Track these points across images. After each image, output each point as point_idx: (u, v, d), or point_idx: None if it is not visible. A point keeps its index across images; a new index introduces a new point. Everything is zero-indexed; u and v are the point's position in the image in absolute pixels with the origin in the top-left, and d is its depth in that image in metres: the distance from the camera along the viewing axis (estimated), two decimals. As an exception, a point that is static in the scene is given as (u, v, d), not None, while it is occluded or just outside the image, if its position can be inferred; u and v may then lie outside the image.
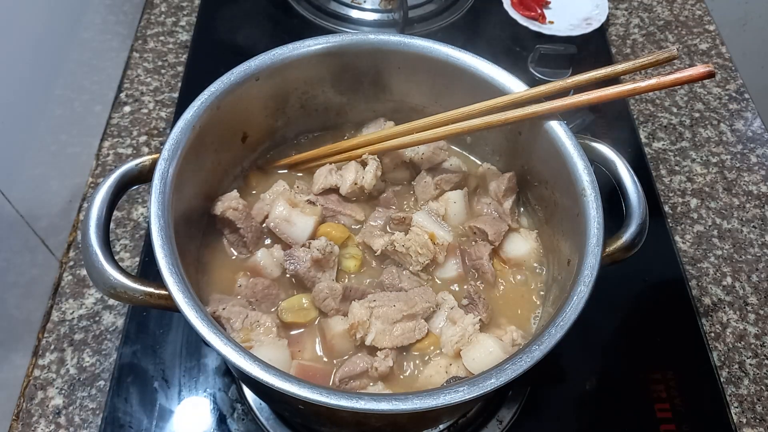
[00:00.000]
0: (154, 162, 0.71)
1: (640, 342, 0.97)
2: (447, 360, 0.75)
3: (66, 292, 0.97)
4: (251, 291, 0.78)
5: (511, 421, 0.88)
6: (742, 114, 1.29)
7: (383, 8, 1.36)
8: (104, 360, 0.91)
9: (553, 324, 0.63)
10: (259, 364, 0.58)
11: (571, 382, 0.93)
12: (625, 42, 1.42)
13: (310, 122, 0.94)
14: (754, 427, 0.91)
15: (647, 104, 1.30)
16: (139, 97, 1.23)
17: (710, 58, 1.39)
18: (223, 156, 0.85)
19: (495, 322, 0.80)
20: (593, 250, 0.68)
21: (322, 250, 0.78)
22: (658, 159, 1.21)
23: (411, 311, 0.76)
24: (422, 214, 0.86)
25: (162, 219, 0.66)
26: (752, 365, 0.96)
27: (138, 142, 1.16)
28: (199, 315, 0.61)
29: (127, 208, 1.06)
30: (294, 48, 0.83)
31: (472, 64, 0.84)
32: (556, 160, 0.77)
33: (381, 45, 0.86)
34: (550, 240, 0.84)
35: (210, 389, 0.89)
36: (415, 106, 0.93)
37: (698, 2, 1.52)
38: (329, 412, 0.59)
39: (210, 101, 0.77)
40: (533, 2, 1.36)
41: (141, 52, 1.31)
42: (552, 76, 1.21)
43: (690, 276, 1.05)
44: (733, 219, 1.13)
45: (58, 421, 0.86)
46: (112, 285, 0.65)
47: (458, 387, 0.59)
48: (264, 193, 0.87)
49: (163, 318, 0.94)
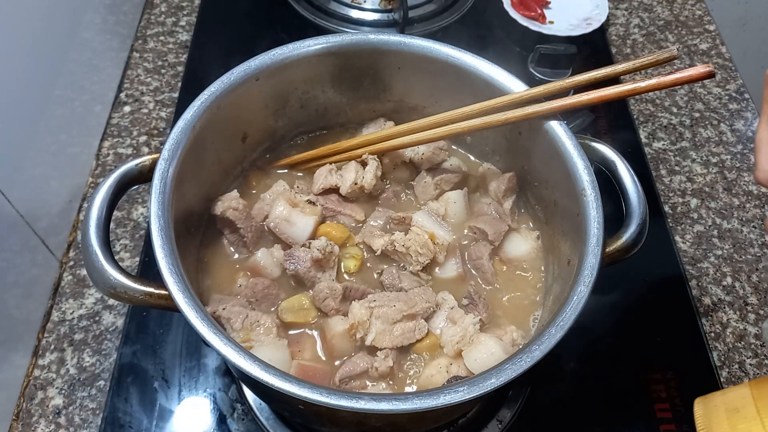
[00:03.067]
0: (154, 162, 0.71)
1: (640, 342, 0.97)
2: (447, 360, 0.75)
3: (66, 292, 0.97)
4: (251, 291, 0.78)
5: (511, 421, 0.88)
6: (742, 114, 1.29)
7: (383, 8, 1.36)
8: (104, 360, 0.91)
9: (553, 324, 0.63)
10: (259, 364, 0.58)
11: (571, 382, 0.93)
12: (625, 42, 1.42)
13: (310, 122, 0.94)
14: (754, 427, 0.91)
15: (647, 104, 1.30)
16: (139, 97, 1.23)
17: (710, 58, 1.39)
18: (223, 156, 0.85)
19: (495, 322, 0.80)
20: (593, 250, 0.68)
21: (322, 250, 0.78)
22: (658, 159, 1.21)
23: (411, 311, 0.76)
24: (422, 214, 0.86)
25: (162, 219, 0.66)
26: (752, 365, 0.96)
27: (138, 142, 1.16)
28: (199, 315, 0.61)
29: (127, 208, 1.06)
30: (294, 48, 0.83)
31: (472, 64, 0.84)
32: (556, 160, 0.77)
33: (381, 45, 0.86)
34: (550, 240, 0.84)
35: (210, 389, 0.89)
36: (415, 106, 0.93)
37: (698, 2, 1.52)
38: (329, 412, 0.59)
39: (210, 101, 0.77)
40: (533, 2, 1.36)
41: (141, 52, 1.31)
42: (552, 76, 1.21)
43: (690, 276, 1.05)
44: (733, 219, 1.13)
45: (58, 421, 0.86)
46: (112, 285, 0.65)
47: (458, 387, 0.59)
48: (264, 193, 0.87)
49: (163, 318, 0.94)
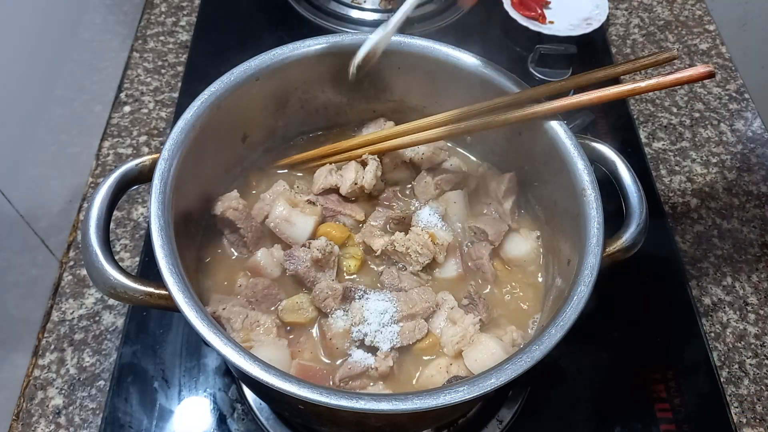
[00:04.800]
0: (154, 162, 0.71)
1: (640, 342, 0.97)
2: (447, 360, 0.75)
3: (66, 292, 0.97)
4: (251, 291, 0.78)
5: (511, 421, 0.88)
6: (742, 114, 1.29)
7: (383, 8, 1.36)
8: (104, 360, 0.91)
9: (553, 324, 0.63)
10: (259, 364, 0.58)
11: (571, 382, 0.93)
12: (625, 42, 1.42)
13: (310, 122, 0.94)
14: (754, 427, 0.91)
15: (647, 104, 1.30)
16: (139, 97, 1.23)
17: (710, 58, 1.39)
18: (223, 156, 0.85)
19: (495, 322, 0.80)
20: (593, 250, 0.68)
21: (322, 250, 0.78)
22: (658, 159, 1.21)
23: (411, 311, 0.76)
24: (422, 214, 0.86)
25: (162, 219, 0.66)
26: (752, 365, 0.96)
27: (138, 142, 1.16)
28: (199, 315, 0.61)
29: (127, 208, 1.06)
30: (294, 48, 0.83)
31: (472, 64, 0.84)
32: (556, 160, 0.77)
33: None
34: (550, 240, 0.84)
35: (210, 389, 0.89)
36: (415, 106, 0.93)
37: (698, 2, 1.52)
38: (329, 412, 0.59)
39: (210, 101, 0.77)
40: (533, 2, 1.36)
41: (141, 52, 1.31)
42: (552, 76, 1.21)
43: (690, 276, 1.05)
44: (733, 219, 1.13)
45: (58, 421, 0.86)
46: (112, 285, 0.65)
47: (458, 387, 0.59)
48: (264, 193, 0.87)
49: (163, 318, 0.94)
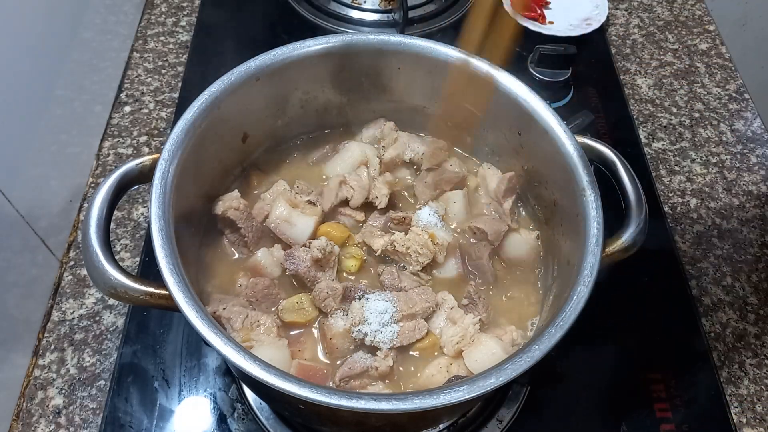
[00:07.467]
0: (154, 162, 0.71)
1: (640, 342, 0.97)
2: (447, 360, 0.75)
3: (66, 292, 0.97)
4: (251, 291, 0.78)
5: (511, 421, 0.88)
6: (742, 114, 1.29)
7: (383, 8, 1.36)
8: (104, 360, 0.91)
9: (553, 324, 0.63)
10: (259, 364, 0.58)
11: (571, 382, 0.93)
12: (625, 42, 1.42)
13: (310, 122, 0.94)
14: (754, 427, 0.91)
15: (647, 104, 1.30)
16: (139, 97, 1.23)
17: (710, 58, 1.39)
18: (224, 156, 0.85)
19: (495, 321, 0.80)
20: (593, 250, 0.68)
21: (322, 250, 0.78)
22: (658, 159, 1.21)
23: (411, 311, 0.76)
24: (422, 214, 0.86)
25: (162, 219, 0.66)
26: (752, 365, 0.96)
27: (138, 142, 1.16)
28: (200, 315, 0.61)
29: (128, 208, 1.06)
30: (294, 48, 0.83)
31: (471, 64, 0.83)
32: (556, 160, 0.77)
33: (381, 45, 0.86)
34: (550, 240, 0.84)
35: (210, 389, 0.89)
36: (415, 106, 0.93)
37: (698, 2, 1.52)
38: (329, 411, 0.59)
39: (210, 101, 0.77)
40: (533, 2, 1.36)
41: (141, 52, 1.31)
42: (552, 77, 1.21)
43: (690, 276, 1.05)
44: (733, 219, 1.13)
45: (58, 421, 0.86)
46: (112, 285, 0.65)
47: (458, 387, 0.59)
48: (264, 193, 0.87)
49: (163, 318, 0.94)
